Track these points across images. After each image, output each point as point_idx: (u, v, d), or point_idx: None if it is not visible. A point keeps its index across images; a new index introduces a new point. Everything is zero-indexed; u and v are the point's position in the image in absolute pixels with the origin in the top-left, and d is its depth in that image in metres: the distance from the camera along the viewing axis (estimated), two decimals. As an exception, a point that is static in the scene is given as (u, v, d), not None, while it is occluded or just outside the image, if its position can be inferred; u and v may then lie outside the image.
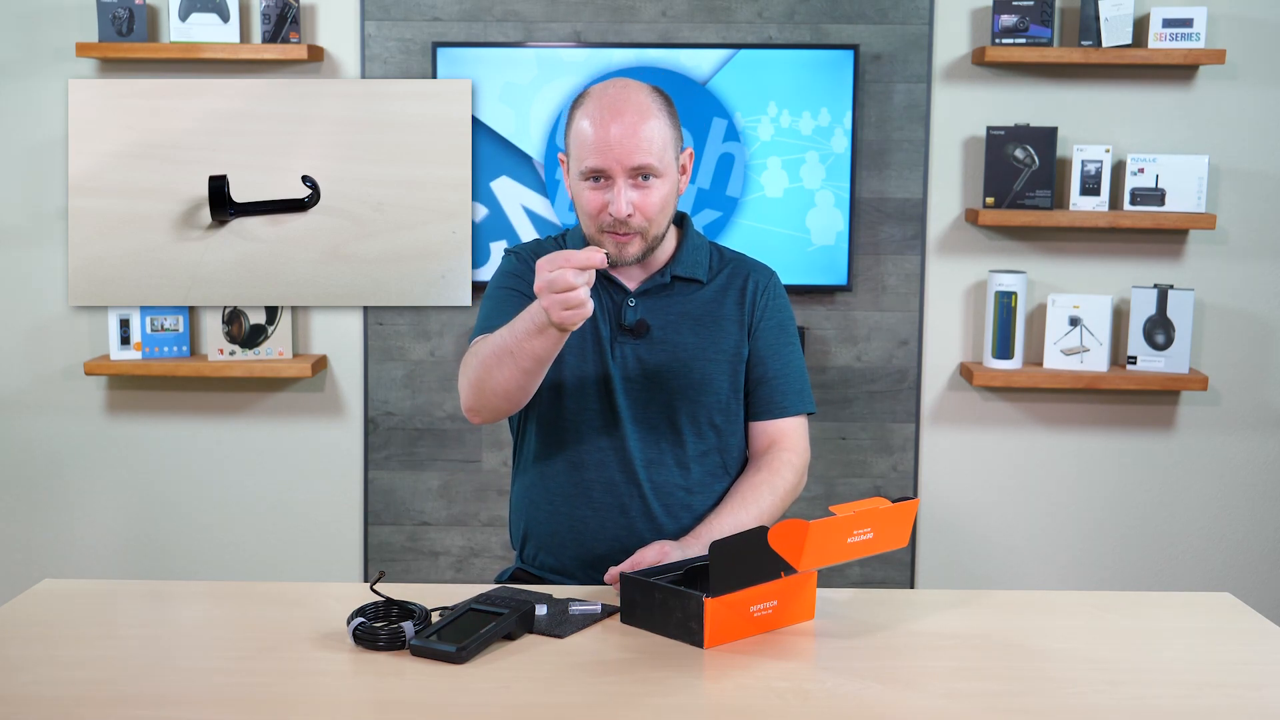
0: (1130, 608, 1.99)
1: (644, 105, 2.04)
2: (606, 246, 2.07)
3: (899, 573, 3.60)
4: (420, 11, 3.45)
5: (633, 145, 2.01)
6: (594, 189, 2.05)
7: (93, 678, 1.67)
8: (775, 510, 2.12)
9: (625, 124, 2.02)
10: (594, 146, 2.02)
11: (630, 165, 2.02)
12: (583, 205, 2.08)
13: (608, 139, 2.01)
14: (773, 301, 2.21)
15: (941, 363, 3.56)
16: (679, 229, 2.22)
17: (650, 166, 2.03)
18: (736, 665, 1.72)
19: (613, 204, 2.03)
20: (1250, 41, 3.43)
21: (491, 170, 3.46)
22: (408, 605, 1.82)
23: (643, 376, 2.13)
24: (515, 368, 1.94)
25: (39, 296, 3.55)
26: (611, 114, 2.03)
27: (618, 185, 2.02)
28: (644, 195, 2.04)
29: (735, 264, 2.23)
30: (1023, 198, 3.40)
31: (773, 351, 2.19)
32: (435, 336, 3.55)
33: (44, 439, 3.60)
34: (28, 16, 3.47)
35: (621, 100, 2.04)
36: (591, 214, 2.06)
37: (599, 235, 2.08)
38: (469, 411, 2.06)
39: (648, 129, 2.03)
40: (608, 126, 2.02)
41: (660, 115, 2.05)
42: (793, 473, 2.15)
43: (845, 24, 3.44)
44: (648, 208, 2.05)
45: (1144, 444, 3.57)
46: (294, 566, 3.61)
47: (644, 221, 2.05)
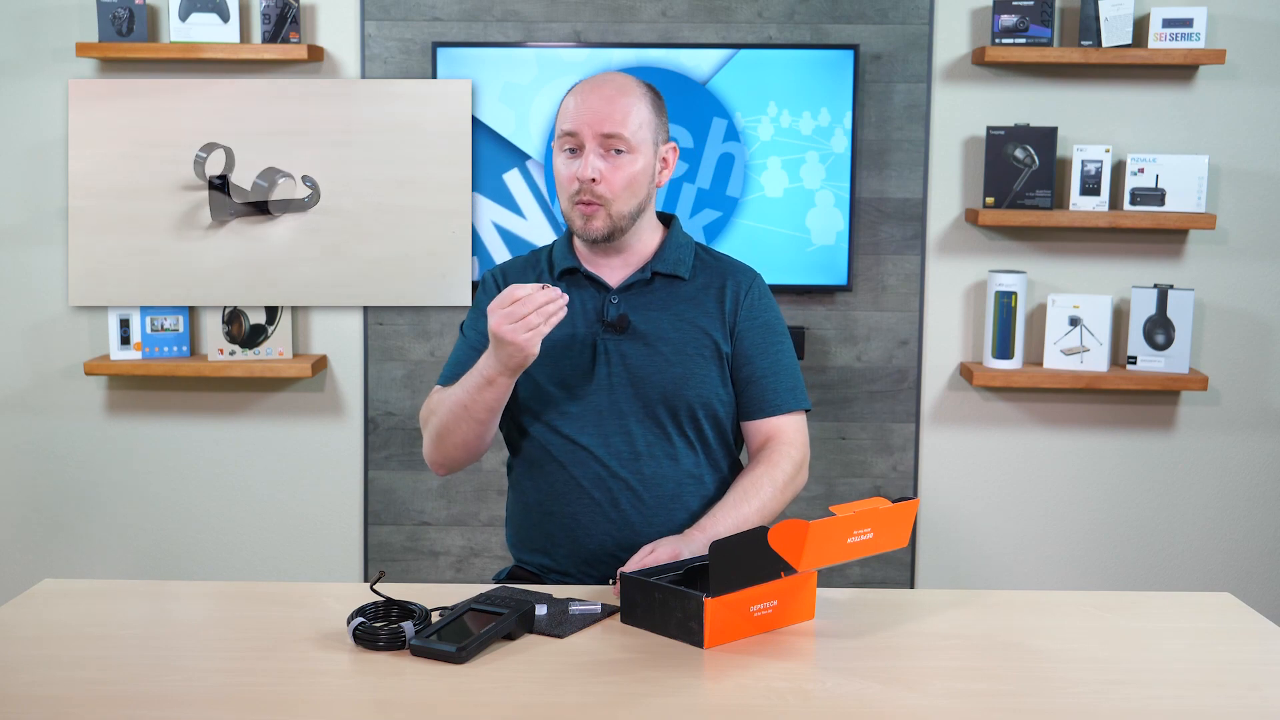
0: (1130, 608, 1.99)
1: (626, 85, 2.13)
2: (574, 220, 2.14)
3: (899, 573, 3.60)
4: (420, 11, 3.45)
5: (605, 112, 2.08)
6: (567, 159, 2.12)
7: (93, 678, 1.67)
8: (776, 501, 2.12)
9: (604, 95, 2.10)
10: (571, 113, 2.11)
11: (600, 131, 2.08)
12: (558, 178, 2.14)
13: (584, 106, 2.10)
14: (757, 302, 2.21)
15: (941, 363, 3.56)
16: (665, 228, 2.24)
17: (620, 137, 2.08)
18: (736, 665, 1.72)
19: (579, 167, 2.09)
20: (1250, 41, 3.43)
21: (491, 170, 3.46)
22: (408, 605, 1.82)
23: (626, 371, 2.15)
24: (471, 420, 2.08)
25: (39, 296, 3.55)
26: (593, 87, 2.12)
27: (586, 150, 2.09)
28: (611, 167, 2.10)
29: (718, 265, 2.24)
30: (1023, 198, 3.40)
31: (760, 350, 2.19)
32: (435, 336, 3.55)
33: (44, 439, 3.60)
34: (28, 16, 3.47)
35: (605, 78, 2.14)
36: (564, 183, 2.13)
37: (570, 208, 2.14)
38: (433, 465, 2.19)
39: (624, 102, 2.10)
40: (587, 96, 2.11)
41: (641, 98, 2.12)
42: (790, 463, 2.15)
43: (845, 24, 3.44)
44: (613, 180, 2.10)
45: (1144, 444, 3.57)
46: (294, 566, 3.61)
47: (607, 191, 2.10)
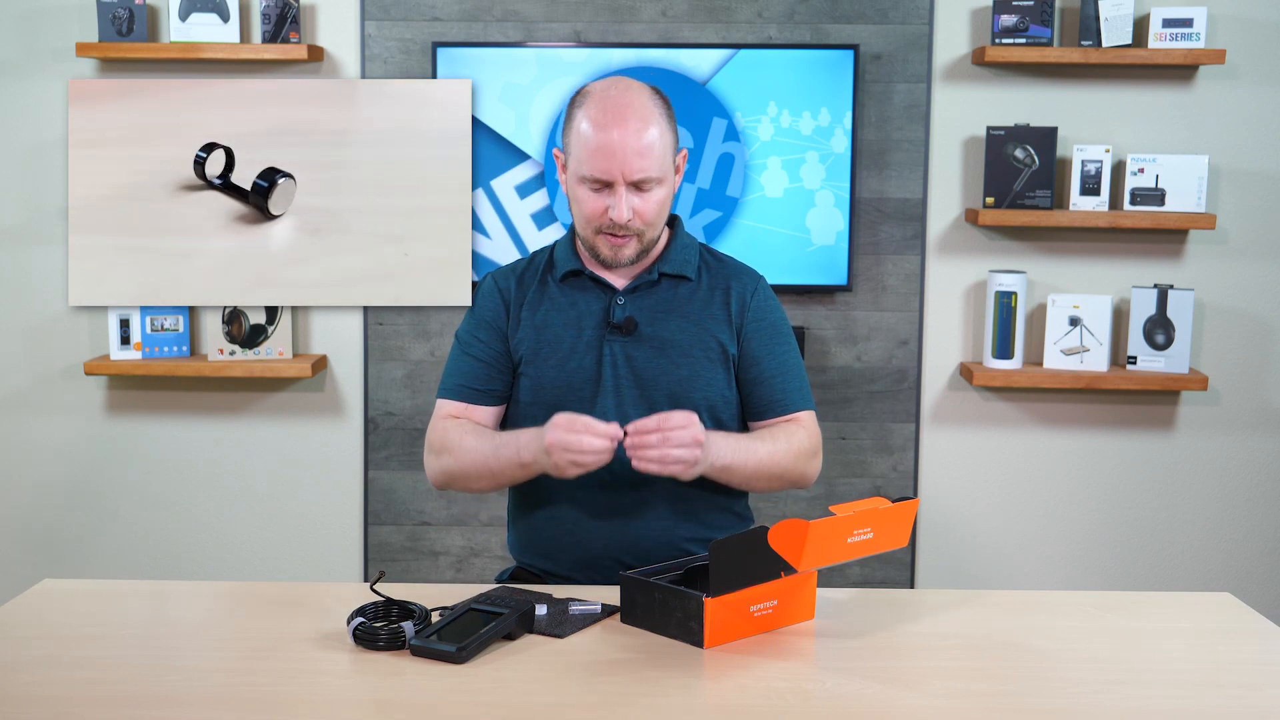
0: (1130, 608, 1.99)
1: (646, 111, 2.06)
2: (601, 248, 2.12)
3: (899, 573, 3.60)
4: (420, 11, 3.45)
5: (635, 154, 2.04)
6: (594, 192, 2.08)
7: (93, 678, 1.67)
8: (785, 456, 2.11)
9: (628, 131, 2.04)
10: (596, 153, 2.04)
11: (632, 178, 2.05)
12: (581, 208, 2.10)
13: (610, 146, 2.04)
14: (762, 304, 2.21)
15: (941, 363, 3.56)
16: (670, 229, 2.23)
17: (651, 176, 2.06)
18: (736, 665, 1.72)
19: (614, 209, 2.06)
20: (1250, 41, 3.43)
21: (491, 170, 3.47)
22: (408, 605, 1.82)
23: (632, 373, 2.14)
24: (494, 481, 2.13)
25: (39, 296, 3.55)
26: (614, 118, 2.04)
27: (619, 192, 2.06)
28: (644, 200, 2.08)
29: (723, 266, 2.24)
30: (1023, 198, 3.40)
31: (767, 351, 2.19)
32: (435, 336, 3.55)
33: (44, 439, 3.60)
34: (28, 16, 3.47)
35: (624, 105, 2.05)
36: (590, 218, 2.10)
37: (595, 238, 2.11)
38: (435, 485, 2.21)
39: (649, 136, 2.05)
40: (610, 132, 2.04)
41: (660, 120, 2.08)
42: (807, 438, 2.15)
43: (845, 24, 3.44)
44: (646, 213, 2.09)
45: (1144, 444, 3.57)
46: (294, 566, 3.61)
47: (642, 225, 2.10)
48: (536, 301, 2.19)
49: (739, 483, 2.11)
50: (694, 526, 2.16)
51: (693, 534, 2.16)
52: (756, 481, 2.12)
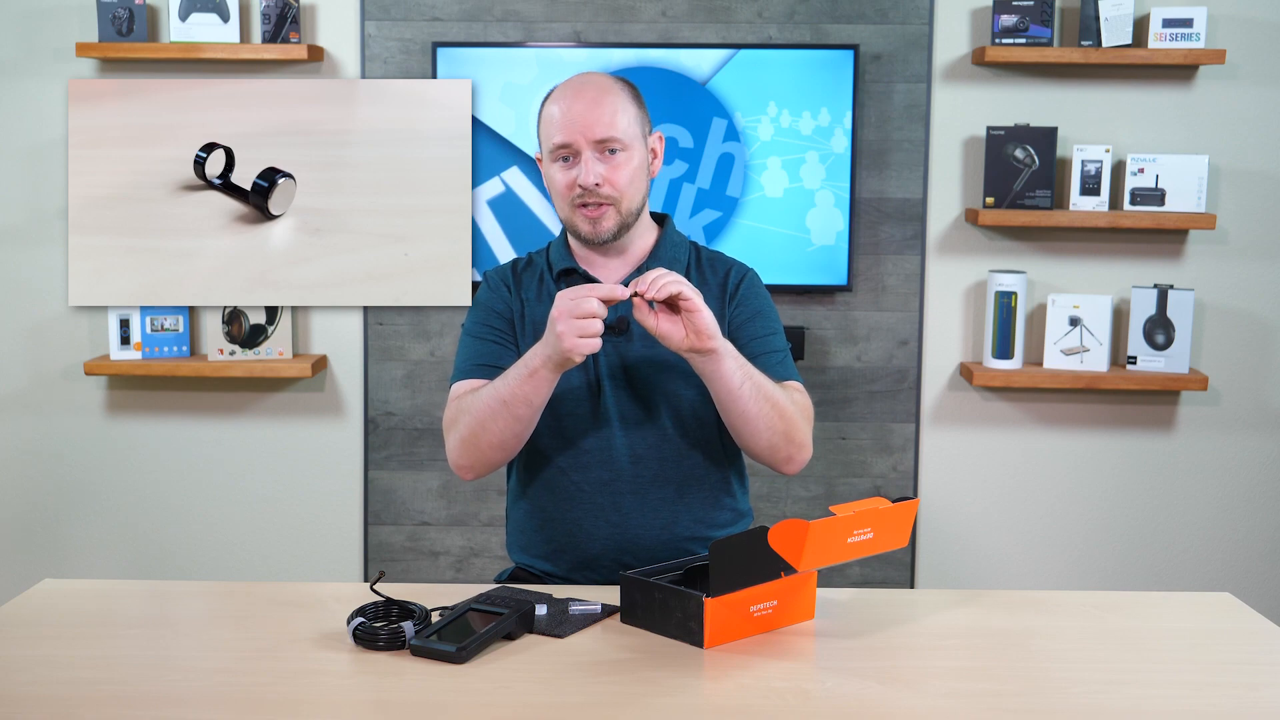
0: (1130, 608, 1.99)
1: (605, 85, 2.14)
2: (580, 225, 2.13)
3: (899, 573, 3.60)
4: (420, 11, 3.45)
5: (595, 117, 2.09)
6: (564, 168, 2.12)
7: (93, 678, 1.67)
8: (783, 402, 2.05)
9: (588, 99, 2.10)
10: (560, 124, 2.10)
11: (595, 138, 2.09)
12: (555, 187, 2.14)
13: (572, 114, 2.10)
14: (748, 290, 2.21)
15: (941, 363, 3.56)
16: (660, 227, 2.24)
17: (615, 139, 2.10)
18: (736, 665, 1.72)
19: (581, 174, 2.09)
20: (1250, 41, 3.43)
21: (491, 170, 3.47)
22: (408, 605, 1.82)
23: (625, 373, 2.15)
24: (509, 416, 2.02)
25: (39, 296, 3.55)
26: (574, 93, 2.12)
27: (584, 157, 2.09)
28: (611, 167, 2.10)
29: (713, 261, 2.25)
30: (1023, 198, 3.40)
31: (751, 334, 2.17)
32: (435, 336, 3.55)
33: (44, 439, 3.60)
34: (28, 16, 3.47)
35: (583, 81, 2.15)
36: (563, 192, 2.13)
37: (573, 214, 2.13)
38: (461, 469, 2.11)
39: (610, 103, 2.11)
40: (571, 104, 2.11)
41: (621, 94, 2.13)
42: (800, 395, 2.13)
43: (845, 24, 3.44)
44: (616, 179, 2.11)
45: (1144, 444, 3.57)
46: (294, 566, 3.61)
47: (613, 191, 2.11)
48: (535, 300, 2.20)
49: (747, 394, 2.01)
50: (693, 526, 2.16)
51: (692, 534, 2.16)
52: (760, 403, 2.02)
